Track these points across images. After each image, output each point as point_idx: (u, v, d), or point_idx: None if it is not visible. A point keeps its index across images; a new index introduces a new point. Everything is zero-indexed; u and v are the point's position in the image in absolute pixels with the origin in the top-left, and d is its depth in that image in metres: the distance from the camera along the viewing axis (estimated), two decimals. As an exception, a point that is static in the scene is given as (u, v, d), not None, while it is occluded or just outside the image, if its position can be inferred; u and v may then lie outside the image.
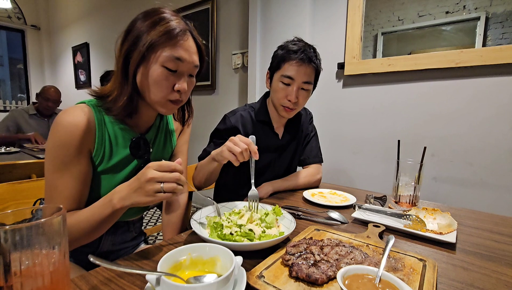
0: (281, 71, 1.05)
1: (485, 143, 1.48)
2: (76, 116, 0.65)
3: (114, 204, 0.59)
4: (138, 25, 0.66)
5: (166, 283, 0.40)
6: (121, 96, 0.68)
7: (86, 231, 0.62)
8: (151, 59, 0.65)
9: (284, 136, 1.23)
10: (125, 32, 0.68)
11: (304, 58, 1.02)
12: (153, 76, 0.66)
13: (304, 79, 1.04)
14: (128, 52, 0.66)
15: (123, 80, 0.68)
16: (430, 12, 2.00)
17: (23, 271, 0.33)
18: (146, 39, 0.64)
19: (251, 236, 0.64)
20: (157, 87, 0.67)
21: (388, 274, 0.44)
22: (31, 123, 2.57)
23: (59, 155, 0.64)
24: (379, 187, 1.58)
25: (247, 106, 1.21)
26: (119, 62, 0.67)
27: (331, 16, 1.93)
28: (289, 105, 1.07)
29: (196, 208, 2.51)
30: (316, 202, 0.98)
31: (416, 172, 0.90)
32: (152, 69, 0.66)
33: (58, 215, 0.36)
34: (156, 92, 0.68)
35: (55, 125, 0.64)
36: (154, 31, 0.64)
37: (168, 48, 0.65)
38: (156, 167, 0.56)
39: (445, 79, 1.56)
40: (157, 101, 0.69)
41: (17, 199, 0.95)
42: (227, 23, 2.60)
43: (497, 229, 0.81)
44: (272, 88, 1.11)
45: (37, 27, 5.10)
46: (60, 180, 0.64)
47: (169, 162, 0.57)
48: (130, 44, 0.66)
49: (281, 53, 1.06)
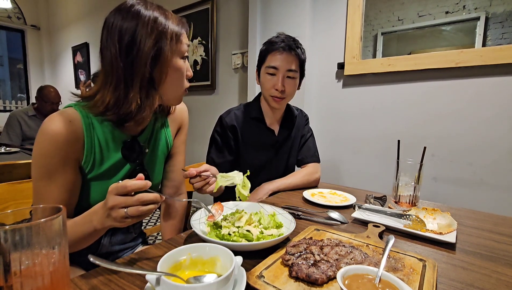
0: (266, 63, 1.11)
1: (485, 143, 1.48)
2: (61, 125, 0.62)
3: (95, 225, 0.58)
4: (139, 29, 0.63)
5: (166, 283, 0.40)
6: (126, 101, 0.65)
7: (75, 241, 0.61)
8: (175, 55, 0.68)
9: (280, 132, 1.24)
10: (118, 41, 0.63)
11: (284, 46, 1.07)
12: (178, 69, 0.70)
13: (287, 67, 1.09)
14: (133, 58, 0.63)
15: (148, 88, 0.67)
16: (430, 12, 2.00)
17: (23, 271, 0.33)
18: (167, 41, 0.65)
19: (249, 237, 0.64)
20: (180, 77, 0.72)
21: (388, 274, 0.44)
22: (30, 124, 2.56)
23: (44, 164, 0.62)
24: (379, 187, 1.58)
25: (241, 106, 1.24)
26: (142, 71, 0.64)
27: (331, 16, 1.93)
28: (277, 94, 1.11)
29: (196, 208, 2.51)
30: (316, 202, 0.98)
31: (416, 172, 0.90)
32: (176, 63, 0.69)
33: (58, 215, 0.36)
34: (180, 82, 0.72)
35: (40, 134, 0.62)
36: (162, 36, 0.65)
37: (181, 41, 0.70)
38: (115, 192, 0.53)
39: (445, 79, 1.56)
40: (179, 93, 0.75)
41: (17, 199, 0.95)
42: (227, 23, 2.60)
43: (497, 229, 0.81)
44: (261, 82, 1.16)
45: (37, 27, 5.10)
46: (45, 188, 0.63)
47: (125, 183, 0.52)
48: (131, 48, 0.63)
49: (264, 47, 1.13)
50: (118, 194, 0.53)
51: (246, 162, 1.17)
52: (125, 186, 0.52)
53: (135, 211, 0.53)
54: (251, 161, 1.18)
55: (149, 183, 0.54)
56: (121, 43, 0.63)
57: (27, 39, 5.03)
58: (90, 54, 4.44)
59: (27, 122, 2.55)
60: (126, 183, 0.53)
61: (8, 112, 3.75)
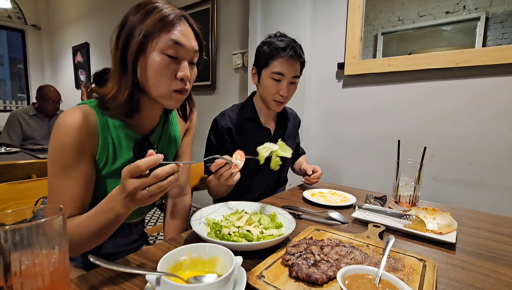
0: (271, 68, 1.09)
1: (485, 143, 1.48)
2: (77, 118, 0.63)
3: (118, 211, 0.56)
4: (131, 17, 0.65)
5: (166, 283, 0.40)
6: (120, 92, 0.65)
7: (89, 236, 0.60)
8: (149, 48, 0.63)
9: (276, 131, 1.25)
10: (119, 26, 0.66)
11: (293, 55, 1.07)
12: (153, 65, 0.63)
13: (293, 74, 1.09)
14: (125, 45, 0.64)
15: (121, 75, 0.66)
16: (430, 12, 2.00)
17: (23, 271, 0.33)
18: (141, 28, 0.62)
19: (249, 237, 0.64)
20: (158, 77, 0.64)
21: (388, 274, 0.44)
22: (31, 124, 2.56)
23: (60, 158, 0.62)
24: (379, 187, 1.57)
25: (234, 107, 1.24)
26: (116, 56, 0.65)
27: (331, 16, 1.93)
28: (280, 100, 1.12)
29: (196, 208, 2.51)
30: (316, 202, 0.98)
31: (416, 172, 0.90)
32: (151, 58, 0.63)
33: (58, 215, 0.36)
34: (159, 82, 0.65)
35: (56, 127, 0.63)
36: (149, 19, 0.63)
37: (165, 34, 0.63)
38: (129, 175, 0.51)
39: (445, 79, 1.56)
40: (162, 94, 0.67)
41: (17, 199, 0.95)
42: (227, 23, 2.60)
43: (497, 229, 0.81)
44: (262, 85, 1.14)
45: (37, 27, 5.10)
46: (61, 183, 0.63)
47: (137, 164, 0.50)
48: (126, 36, 0.64)
49: (268, 49, 1.09)
50: (133, 177, 0.51)
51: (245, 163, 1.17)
52: (137, 167, 0.50)
53: (157, 188, 0.52)
54: (248, 162, 1.18)
55: (161, 156, 0.52)
56: (119, 32, 0.66)
57: (27, 39, 5.04)
58: (90, 54, 4.44)
59: (27, 122, 2.55)
60: (137, 163, 0.50)
61: (8, 112, 3.75)
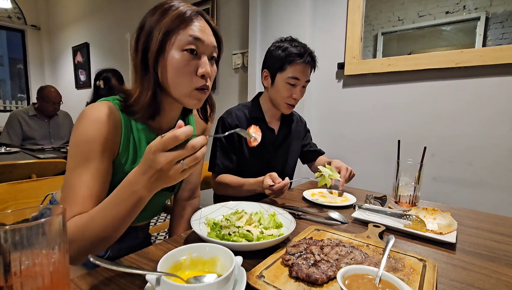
0: (287, 73, 1.11)
1: (485, 143, 1.47)
2: (104, 112, 0.63)
3: (140, 194, 0.53)
4: (149, 19, 0.65)
5: (166, 283, 0.40)
6: (143, 93, 0.65)
7: (106, 229, 0.57)
8: (168, 46, 0.63)
9: (280, 131, 1.27)
10: (138, 30, 0.66)
11: (310, 61, 1.12)
12: (173, 63, 0.63)
13: (307, 78, 1.15)
14: (145, 46, 0.64)
15: (143, 76, 0.65)
16: (430, 12, 2.00)
17: (23, 271, 0.33)
18: (160, 27, 0.62)
19: (249, 237, 0.64)
20: (179, 74, 0.64)
21: (388, 274, 0.44)
22: (31, 124, 2.56)
23: (83, 150, 0.61)
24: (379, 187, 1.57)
25: (240, 106, 1.26)
26: (137, 59, 0.65)
27: (331, 16, 1.93)
28: (293, 103, 1.17)
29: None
30: (316, 202, 0.98)
31: (416, 172, 0.90)
32: (170, 56, 0.63)
33: (58, 215, 0.36)
34: (180, 80, 0.65)
35: (81, 120, 0.62)
36: (167, 17, 0.63)
37: (183, 30, 0.63)
38: (162, 148, 0.47)
39: (445, 79, 1.56)
40: (184, 92, 0.66)
41: (17, 199, 0.95)
42: (227, 23, 2.60)
43: (497, 229, 0.81)
44: (275, 88, 1.16)
45: (37, 27, 5.09)
46: (79, 177, 0.61)
47: (174, 134, 0.47)
48: (145, 37, 0.64)
49: (284, 54, 1.11)
50: (167, 149, 0.47)
51: (247, 162, 1.18)
52: (175, 137, 0.46)
53: (192, 160, 0.49)
54: (251, 161, 1.19)
55: (191, 127, 0.49)
56: (137, 35, 0.66)
57: (27, 39, 5.03)
58: (90, 54, 4.43)
59: (27, 122, 2.55)
60: (175, 133, 0.46)
61: (8, 112, 3.75)
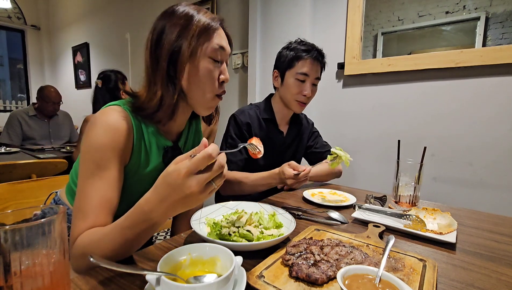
0: (295, 69, 1.14)
1: (485, 143, 1.47)
2: (116, 119, 0.62)
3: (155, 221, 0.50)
4: (172, 26, 0.64)
5: (166, 283, 0.40)
6: (166, 98, 0.65)
7: (113, 251, 0.54)
8: (200, 53, 0.65)
9: (288, 133, 1.29)
10: (157, 35, 0.65)
11: (318, 56, 1.14)
12: (203, 70, 0.65)
13: (316, 75, 1.16)
14: (171, 52, 0.64)
15: (167, 81, 0.65)
16: (430, 12, 2.00)
17: (23, 271, 0.33)
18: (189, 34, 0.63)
19: (249, 237, 0.64)
20: (206, 80, 0.67)
21: (388, 274, 0.44)
22: (31, 124, 2.57)
23: (96, 157, 0.60)
24: (379, 187, 1.57)
25: (252, 105, 1.28)
26: (159, 65, 0.64)
27: (331, 16, 1.93)
28: (304, 100, 1.17)
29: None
30: (316, 202, 0.98)
31: (416, 172, 0.90)
32: (201, 64, 0.65)
33: (58, 215, 0.36)
34: (206, 87, 0.67)
35: (93, 127, 0.61)
36: (196, 25, 0.64)
37: (212, 39, 0.66)
38: (195, 169, 0.45)
39: (445, 79, 1.56)
40: (207, 99, 0.68)
41: (17, 199, 0.95)
42: (227, 23, 2.56)
43: (497, 229, 0.81)
44: (285, 86, 1.18)
45: (37, 27, 5.09)
46: (93, 185, 0.59)
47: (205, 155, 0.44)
48: (171, 44, 0.64)
49: (292, 53, 1.15)
50: (199, 170, 0.45)
51: (255, 162, 1.19)
52: (209, 156, 0.43)
53: (222, 179, 0.47)
54: (260, 161, 1.20)
55: (216, 145, 0.47)
56: (152, 39, 0.66)
57: (27, 39, 5.03)
58: (90, 54, 4.43)
59: (27, 122, 2.55)
60: (207, 152, 0.44)
61: (8, 112, 3.75)
